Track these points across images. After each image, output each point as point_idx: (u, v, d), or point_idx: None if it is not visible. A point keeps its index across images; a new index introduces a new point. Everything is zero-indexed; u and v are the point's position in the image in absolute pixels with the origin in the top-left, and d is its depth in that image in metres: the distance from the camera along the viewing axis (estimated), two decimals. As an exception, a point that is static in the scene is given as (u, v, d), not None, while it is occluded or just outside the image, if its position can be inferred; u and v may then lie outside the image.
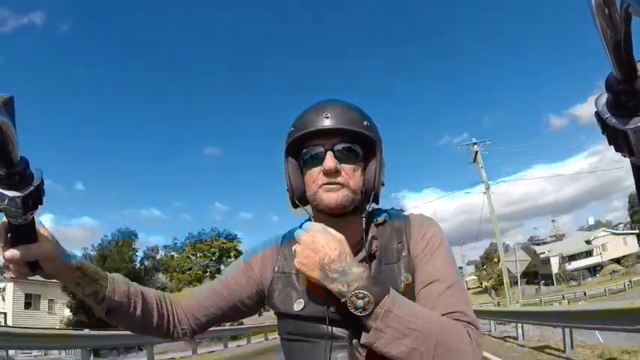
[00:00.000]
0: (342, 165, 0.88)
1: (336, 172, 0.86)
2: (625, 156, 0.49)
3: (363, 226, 0.90)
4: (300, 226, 0.92)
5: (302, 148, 0.91)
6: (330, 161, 0.86)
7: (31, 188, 0.64)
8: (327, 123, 0.86)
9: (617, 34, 0.41)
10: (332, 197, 0.86)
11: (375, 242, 0.92)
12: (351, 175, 0.88)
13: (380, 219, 0.96)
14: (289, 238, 0.99)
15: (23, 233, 0.71)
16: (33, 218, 0.70)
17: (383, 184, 0.94)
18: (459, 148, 24.32)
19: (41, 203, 0.67)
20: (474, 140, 23.55)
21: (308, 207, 0.94)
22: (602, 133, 0.48)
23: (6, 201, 0.63)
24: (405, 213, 1.01)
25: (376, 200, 0.93)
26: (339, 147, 0.87)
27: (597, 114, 0.48)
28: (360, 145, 0.90)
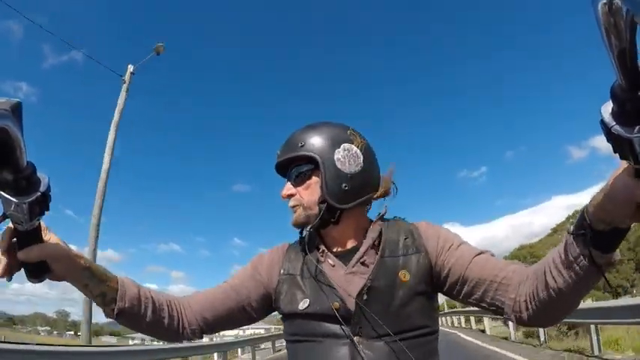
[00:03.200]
0: (297, 188, 0.98)
1: (289, 197, 0.98)
2: (630, 163, 0.50)
3: (333, 233, 0.98)
4: (302, 237, 1.02)
5: None
6: (283, 190, 0.99)
7: (38, 194, 0.63)
8: (276, 160, 1.00)
9: (623, 42, 0.42)
10: (292, 219, 0.98)
11: (372, 234, 0.97)
12: (303, 194, 0.97)
13: (384, 217, 1.01)
14: (296, 245, 1.05)
15: (29, 239, 0.70)
16: (39, 224, 0.69)
17: (344, 188, 0.93)
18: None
19: (48, 209, 0.66)
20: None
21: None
22: (608, 141, 0.48)
23: (12, 207, 0.62)
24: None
25: (334, 207, 0.93)
26: (289, 175, 1.00)
27: (602, 122, 0.48)
28: (312, 161, 0.95)
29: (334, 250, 0.98)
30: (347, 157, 0.94)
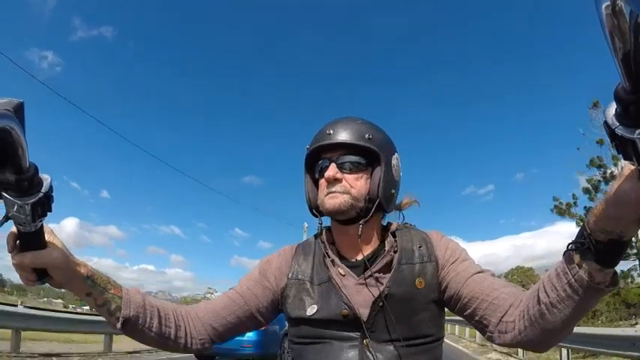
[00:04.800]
0: (345, 175, 0.95)
1: (335, 180, 0.94)
2: (633, 165, 0.50)
3: (359, 232, 0.94)
4: (315, 236, 1.03)
5: (316, 163, 1.00)
6: (330, 170, 0.94)
7: (40, 195, 0.63)
8: (329, 139, 0.96)
9: (627, 44, 0.41)
10: (331, 202, 0.94)
11: (388, 245, 0.97)
12: (354, 183, 0.95)
13: (397, 225, 1.02)
14: (303, 247, 1.05)
15: (32, 241, 0.70)
16: (42, 226, 0.69)
17: (393, 193, 0.99)
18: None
19: (50, 210, 0.66)
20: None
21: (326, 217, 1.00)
22: (611, 142, 0.49)
23: (15, 208, 0.62)
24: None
25: (382, 207, 0.98)
26: (341, 159, 0.96)
27: (606, 124, 0.48)
28: (367, 156, 0.96)
29: (345, 256, 0.99)
30: (397, 166, 1.00)
